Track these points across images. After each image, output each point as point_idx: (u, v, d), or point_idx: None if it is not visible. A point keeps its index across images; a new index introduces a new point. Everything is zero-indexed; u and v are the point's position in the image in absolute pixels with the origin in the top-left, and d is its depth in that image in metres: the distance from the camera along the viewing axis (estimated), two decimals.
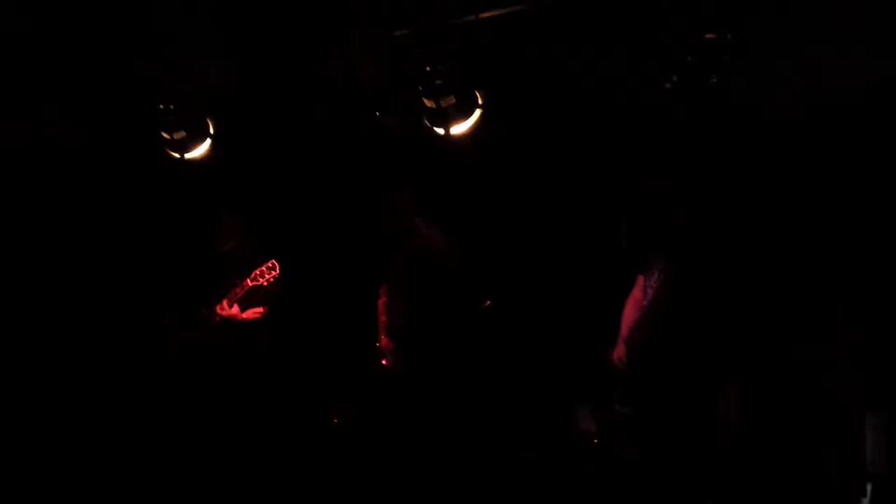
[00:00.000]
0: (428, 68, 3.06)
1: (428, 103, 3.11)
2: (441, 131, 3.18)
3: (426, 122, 3.20)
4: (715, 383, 4.51)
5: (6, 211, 4.98)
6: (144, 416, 5.51)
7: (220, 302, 4.59)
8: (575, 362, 6.33)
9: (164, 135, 3.79)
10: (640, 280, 4.38)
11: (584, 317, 6.20)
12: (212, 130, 3.88)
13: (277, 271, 4.60)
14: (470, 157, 4.26)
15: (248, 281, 4.55)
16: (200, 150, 3.89)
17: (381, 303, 4.85)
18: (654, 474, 4.45)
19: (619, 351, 4.31)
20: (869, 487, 4.46)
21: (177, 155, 3.87)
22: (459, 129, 3.17)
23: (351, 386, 6.36)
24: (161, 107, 3.71)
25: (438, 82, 3.03)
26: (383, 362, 5.61)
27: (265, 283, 4.58)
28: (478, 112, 3.15)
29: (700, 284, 3.97)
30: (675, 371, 4.08)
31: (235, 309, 4.57)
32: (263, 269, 4.57)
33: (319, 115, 3.59)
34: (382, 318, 4.80)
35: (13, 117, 4.07)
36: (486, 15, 3.06)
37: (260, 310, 4.71)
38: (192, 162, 3.92)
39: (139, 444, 5.23)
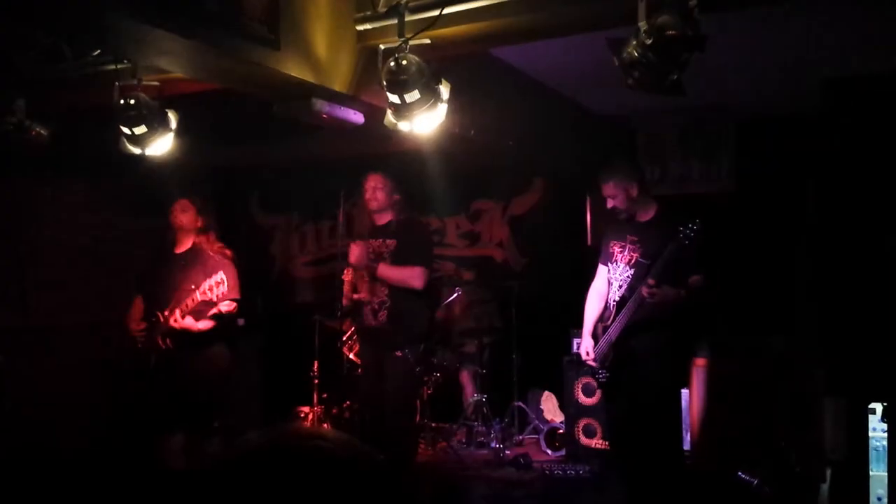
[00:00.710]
0: (392, 63, 3.04)
1: (392, 98, 3.08)
2: (406, 127, 3.16)
3: (391, 117, 3.17)
4: (681, 375, 4.58)
5: None
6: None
7: (174, 304, 4.48)
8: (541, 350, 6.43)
9: (124, 130, 3.72)
10: (602, 270, 4.42)
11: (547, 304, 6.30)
12: (173, 125, 3.81)
13: (226, 287, 4.40)
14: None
15: (198, 294, 4.39)
16: (163, 146, 3.82)
17: (347, 282, 4.86)
18: (622, 466, 4.50)
19: (586, 345, 4.33)
20: (829, 472, 4.54)
21: (138, 151, 3.80)
22: (425, 125, 3.15)
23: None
24: (121, 102, 3.64)
25: (403, 77, 3.01)
26: (346, 347, 5.62)
27: (215, 299, 4.40)
28: (443, 107, 3.14)
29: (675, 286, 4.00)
30: (643, 365, 4.12)
31: (189, 321, 4.46)
32: (212, 283, 4.37)
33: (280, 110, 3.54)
34: (348, 291, 4.81)
35: None
36: (449, 10, 3.05)
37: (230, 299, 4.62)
38: (153, 158, 3.85)
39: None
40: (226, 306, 4.58)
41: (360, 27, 3.36)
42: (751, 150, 5.92)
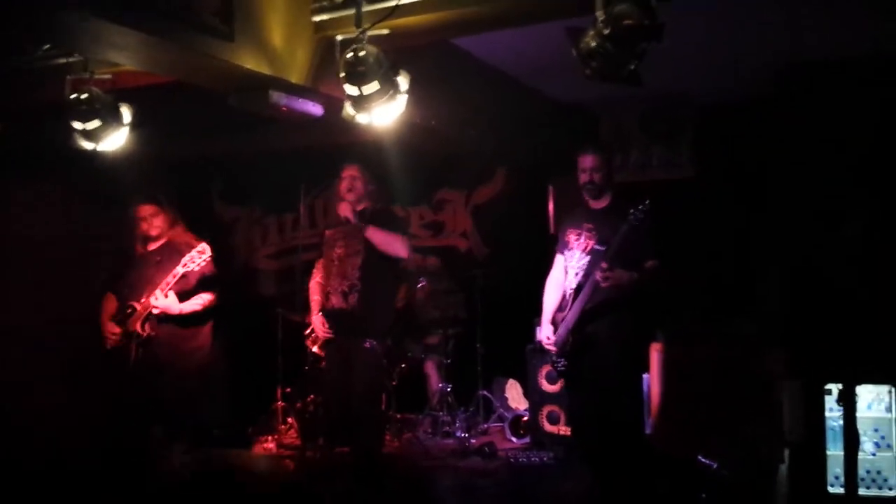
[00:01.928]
0: (349, 54, 3.01)
1: (350, 90, 3.05)
2: (365, 119, 3.14)
3: (349, 109, 3.14)
4: (641, 360, 4.62)
5: None
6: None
7: (151, 293, 4.45)
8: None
9: (77, 125, 3.65)
10: (559, 259, 4.44)
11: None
12: (127, 119, 3.75)
13: (209, 254, 4.51)
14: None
15: (179, 268, 4.43)
16: (116, 140, 3.76)
17: (314, 282, 4.81)
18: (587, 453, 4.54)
19: (546, 332, 4.35)
20: (787, 454, 4.61)
21: (91, 145, 3.74)
22: (384, 116, 3.13)
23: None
24: (73, 96, 3.57)
25: (361, 69, 2.98)
26: (310, 340, 5.59)
27: (197, 268, 4.46)
28: (403, 99, 3.12)
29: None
30: (602, 351, 4.15)
31: (172, 299, 4.45)
32: (194, 254, 4.45)
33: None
34: (315, 298, 4.76)
35: None
36: (406, 0, 3.03)
37: (208, 296, 4.59)
38: (107, 152, 3.79)
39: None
40: (206, 298, 4.63)
41: (317, 18, 3.33)
42: (710, 136, 5.98)
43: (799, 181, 5.26)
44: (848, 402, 4.18)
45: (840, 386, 4.25)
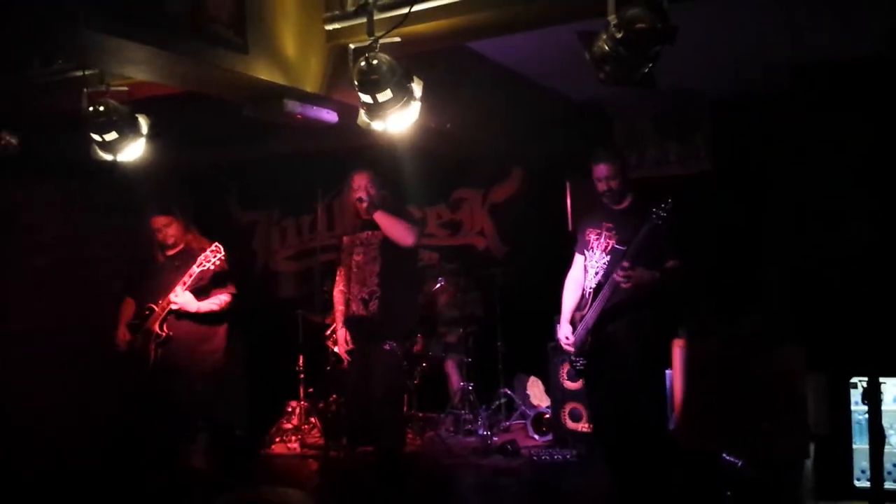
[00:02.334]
0: (363, 63, 3.01)
1: (364, 98, 3.06)
2: (380, 127, 3.14)
3: (364, 117, 3.15)
4: (663, 357, 4.60)
5: None
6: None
7: (165, 295, 4.53)
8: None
9: (95, 136, 3.68)
10: (578, 259, 4.43)
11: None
12: (145, 130, 3.78)
13: (223, 253, 4.58)
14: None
15: (195, 267, 4.51)
16: (134, 151, 3.79)
17: (337, 291, 4.83)
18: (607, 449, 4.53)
19: (565, 331, 4.34)
20: (812, 448, 4.58)
21: (109, 157, 3.77)
22: (399, 123, 3.14)
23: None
24: (90, 108, 3.60)
25: (374, 77, 2.98)
26: (335, 349, 5.61)
27: (213, 267, 4.55)
28: (417, 105, 3.12)
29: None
30: (622, 350, 4.14)
31: (190, 296, 4.53)
32: (208, 253, 4.54)
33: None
34: (340, 308, 4.78)
35: None
36: (419, 7, 3.03)
37: (226, 293, 4.65)
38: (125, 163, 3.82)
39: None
40: (224, 297, 4.74)
41: (329, 27, 3.33)
42: (726, 129, 5.93)
43: (818, 173, 5.21)
44: (873, 395, 4.15)
45: (865, 380, 4.22)
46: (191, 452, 4.71)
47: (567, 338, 4.31)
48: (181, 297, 4.53)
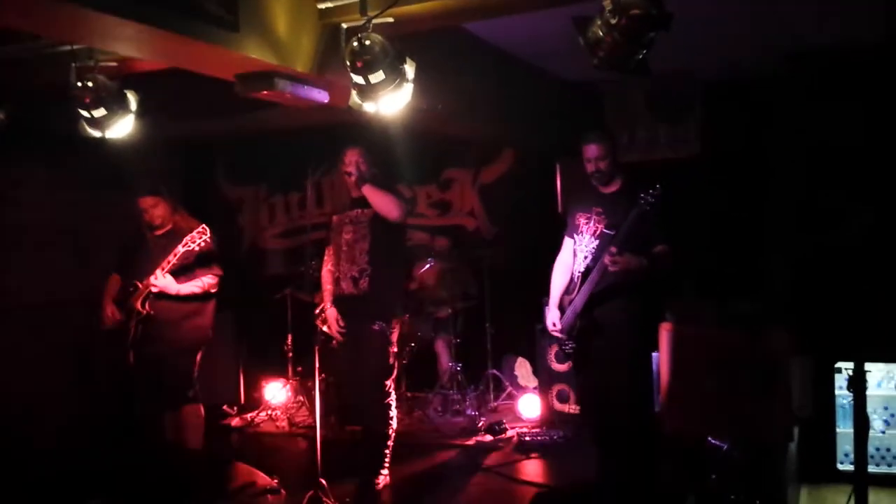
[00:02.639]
0: (355, 43, 2.98)
1: (356, 79, 3.03)
2: (372, 108, 3.12)
3: (355, 98, 3.12)
4: (650, 340, 4.62)
5: None
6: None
7: (152, 272, 4.51)
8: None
9: (83, 113, 3.64)
10: (568, 242, 4.43)
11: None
12: (133, 107, 3.74)
13: (208, 234, 4.55)
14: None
15: (180, 247, 4.48)
16: (123, 128, 3.75)
17: (325, 270, 4.81)
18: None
19: (552, 316, 4.35)
20: (796, 431, 4.62)
21: (98, 133, 3.73)
22: (391, 105, 3.11)
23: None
24: (79, 84, 3.55)
25: (367, 58, 2.96)
26: (324, 328, 5.60)
27: (197, 248, 4.52)
28: (409, 87, 3.09)
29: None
30: (610, 334, 4.16)
31: (170, 279, 4.50)
32: (194, 234, 4.51)
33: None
34: (328, 287, 4.76)
35: None
36: None
37: (209, 279, 4.65)
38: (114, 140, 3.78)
39: None
40: (209, 280, 4.69)
41: (322, 5, 3.29)
42: (717, 113, 5.93)
43: (807, 158, 5.22)
44: (858, 382, 4.18)
45: (850, 366, 4.25)
46: (175, 428, 4.70)
47: (554, 324, 4.32)
48: (160, 281, 4.49)
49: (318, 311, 5.95)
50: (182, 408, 4.70)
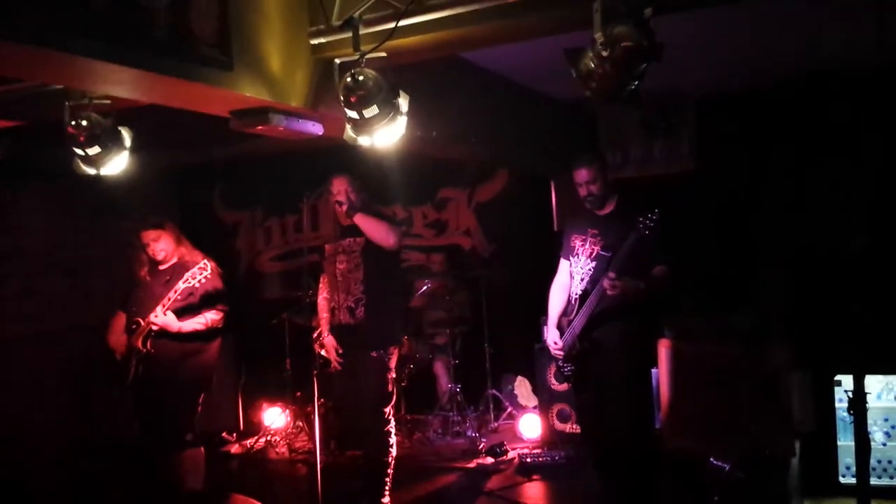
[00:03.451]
0: (349, 78, 2.99)
1: (350, 114, 3.04)
2: (367, 142, 3.12)
3: (350, 132, 3.13)
4: (649, 358, 4.63)
5: None
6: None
7: (152, 309, 4.47)
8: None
9: (78, 151, 3.64)
10: (564, 264, 4.44)
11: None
12: (128, 143, 3.74)
13: (210, 269, 4.52)
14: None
15: (181, 283, 4.45)
16: (118, 164, 3.75)
17: (321, 298, 4.81)
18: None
19: (553, 336, 4.36)
20: (798, 446, 4.63)
21: (93, 171, 3.72)
22: (386, 138, 3.12)
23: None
24: (73, 122, 3.56)
25: (360, 93, 2.96)
26: (318, 344, 5.59)
27: (198, 284, 4.49)
28: (403, 120, 3.10)
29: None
30: (609, 355, 4.16)
31: (171, 317, 4.46)
32: (195, 271, 4.47)
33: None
34: (324, 315, 4.76)
35: None
36: (406, 22, 3.00)
37: (213, 315, 4.62)
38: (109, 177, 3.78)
39: None
40: (212, 315, 4.62)
41: (315, 41, 3.30)
42: (710, 129, 5.95)
43: (801, 172, 5.24)
44: (857, 391, 4.19)
45: (850, 378, 4.26)
46: (173, 471, 4.64)
47: (555, 343, 4.32)
48: (160, 319, 4.42)
49: (315, 335, 5.95)
50: (180, 453, 4.62)
